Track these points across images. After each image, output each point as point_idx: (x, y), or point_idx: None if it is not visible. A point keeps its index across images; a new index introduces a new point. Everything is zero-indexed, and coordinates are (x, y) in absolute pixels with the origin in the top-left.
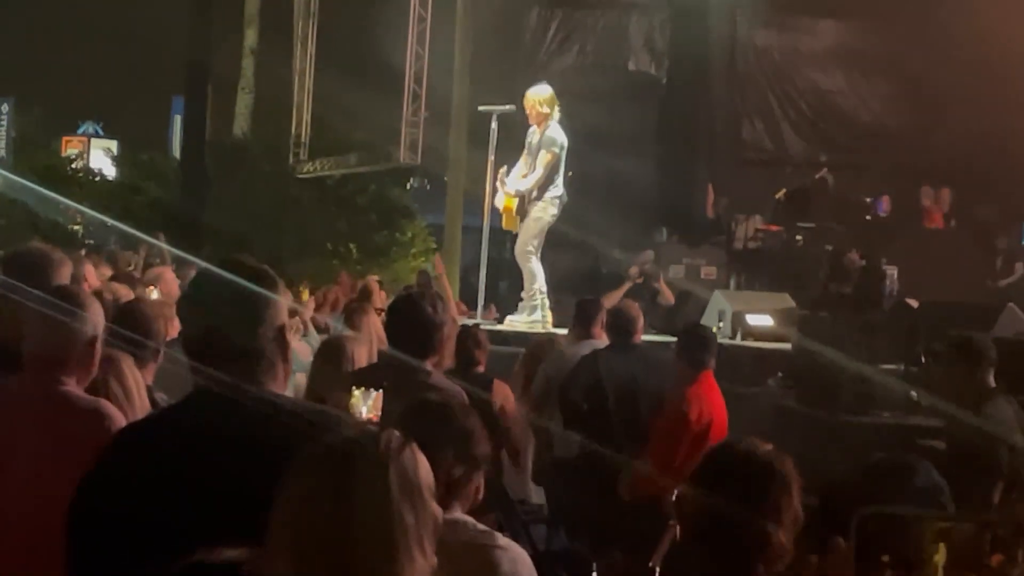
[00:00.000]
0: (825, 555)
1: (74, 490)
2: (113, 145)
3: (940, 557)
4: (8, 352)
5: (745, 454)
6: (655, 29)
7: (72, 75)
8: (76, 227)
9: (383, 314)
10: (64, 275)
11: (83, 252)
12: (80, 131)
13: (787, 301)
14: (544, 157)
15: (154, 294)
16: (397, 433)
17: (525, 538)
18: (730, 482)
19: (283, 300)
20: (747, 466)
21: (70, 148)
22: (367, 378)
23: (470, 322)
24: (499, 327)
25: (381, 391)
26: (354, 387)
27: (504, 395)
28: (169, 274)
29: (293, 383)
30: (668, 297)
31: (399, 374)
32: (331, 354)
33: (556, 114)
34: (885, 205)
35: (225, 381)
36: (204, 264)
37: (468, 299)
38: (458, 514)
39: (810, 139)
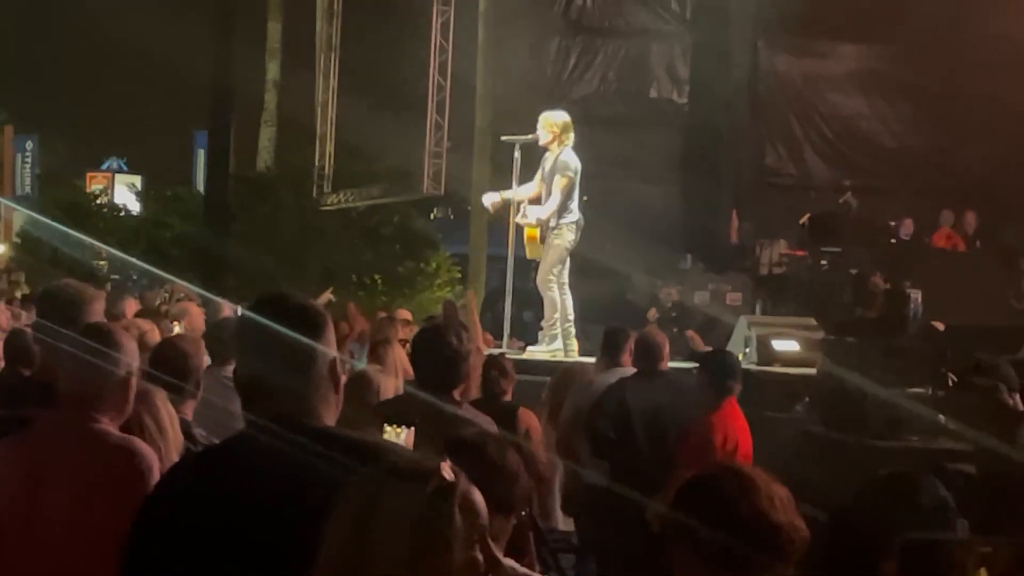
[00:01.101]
0: None
1: (129, 526)
2: (137, 180)
3: None
4: (43, 387)
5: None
6: (677, 56)
7: (95, 111)
8: (101, 263)
9: (407, 346)
10: (98, 311)
11: (108, 287)
12: (104, 167)
13: (813, 326)
14: (560, 182)
15: (177, 328)
16: (450, 466)
17: (554, 567)
18: (699, 506)
19: (331, 334)
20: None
21: (94, 184)
22: (393, 410)
23: (495, 351)
24: (523, 356)
25: (412, 428)
26: (386, 424)
27: (529, 422)
28: (195, 309)
29: None
30: (699, 345)
31: (425, 405)
32: (357, 388)
33: (570, 140)
34: (907, 228)
35: (279, 419)
36: (238, 304)
37: (493, 329)
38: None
39: (833, 163)
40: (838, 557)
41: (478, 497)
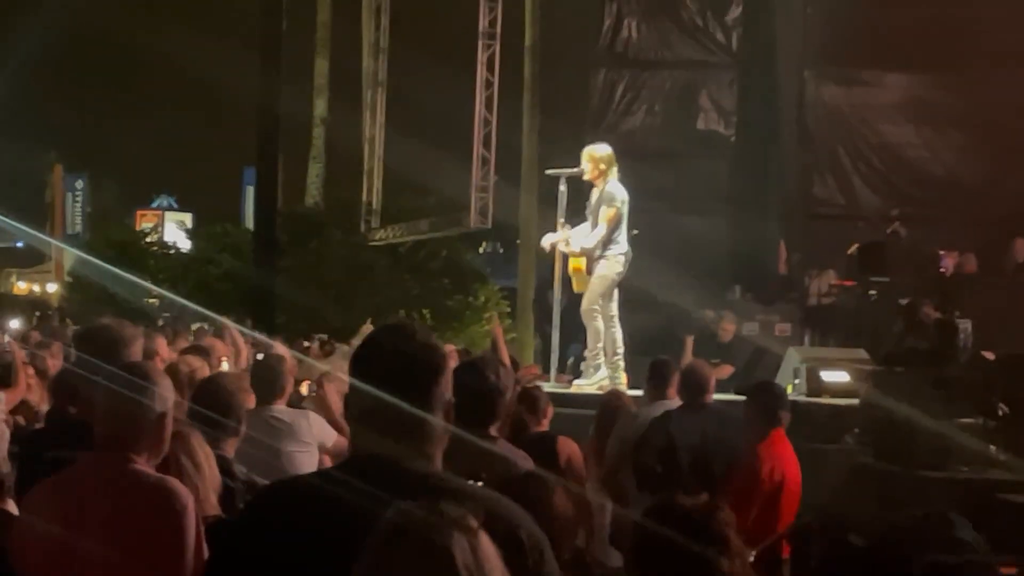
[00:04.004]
0: None
1: (166, 565)
2: (187, 218)
3: None
4: (82, 428)
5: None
6: (723, 88)
7: (145, 149)
8: (152, 300)
9: None
10: (136, 351)
11: (160, 323)
12: (154, 204)
13: (863, 356)
14: (606, 213)
15: (224, 365)
16: (461, 516)
17: None
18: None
19: (450, 374)
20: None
21: (144, 222)
22: None
23: (530, 384)
24: (570, 391)
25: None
26: None
27: (570, 452)
28: (243, 347)
29: None
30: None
31: (463, 441)
32: None
33: (615, 172)
34: (950, 260)
35: (391, 453)
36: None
37: (542, 363)
38: None
39: (882, 193)
40: None
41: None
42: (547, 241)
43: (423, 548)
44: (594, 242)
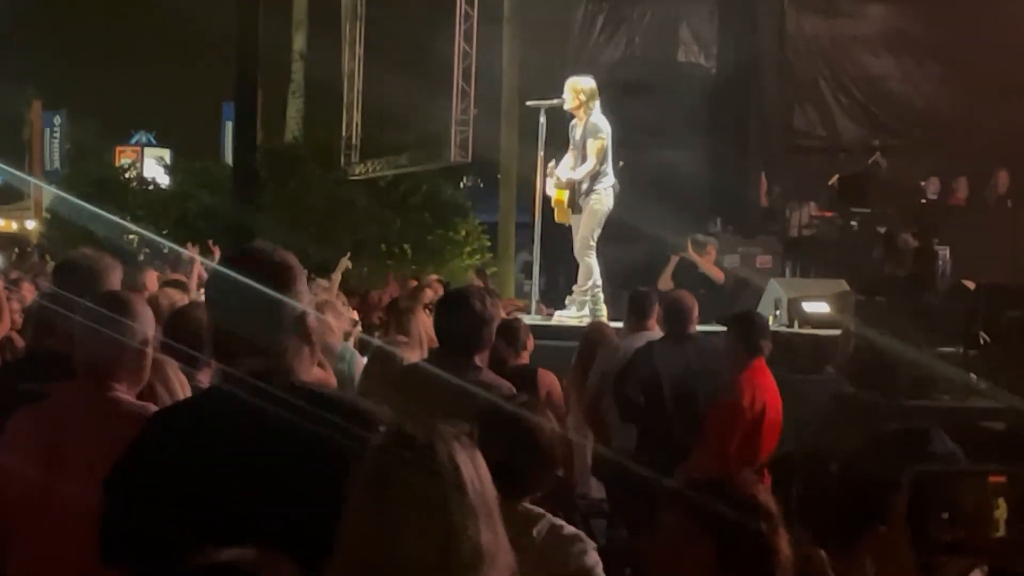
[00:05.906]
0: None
1: (108, 472)
2: (166, 154)
3: (1000, 512)
4: (62, 360)
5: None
6: (703, 20)
7: (124, 85)
8: (131, 236)
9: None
10: (115, 281)
11: (141, 257)
12: (133, 141)
13: (843, 287)
14: (594, 145)
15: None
16: (455, 431)
17: (585, 532)
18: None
19: (303, 287)
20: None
21: (123, 158)
22: (415, 376)
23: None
24: (550, 322)
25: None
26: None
27: (550, 385)
28: None
29: None
30: (718, 276)
31: (448, 371)
32: (381, 364)
33: (596, 105)
34: (933, 187)
35: (253, 374)
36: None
37: (523, 295)
38: (546, 513)
39: (862, 124)
40: (847, 500)
41: (485, 471)
42: (552, 193)
43: (429, 464)
44: (582, 174)
